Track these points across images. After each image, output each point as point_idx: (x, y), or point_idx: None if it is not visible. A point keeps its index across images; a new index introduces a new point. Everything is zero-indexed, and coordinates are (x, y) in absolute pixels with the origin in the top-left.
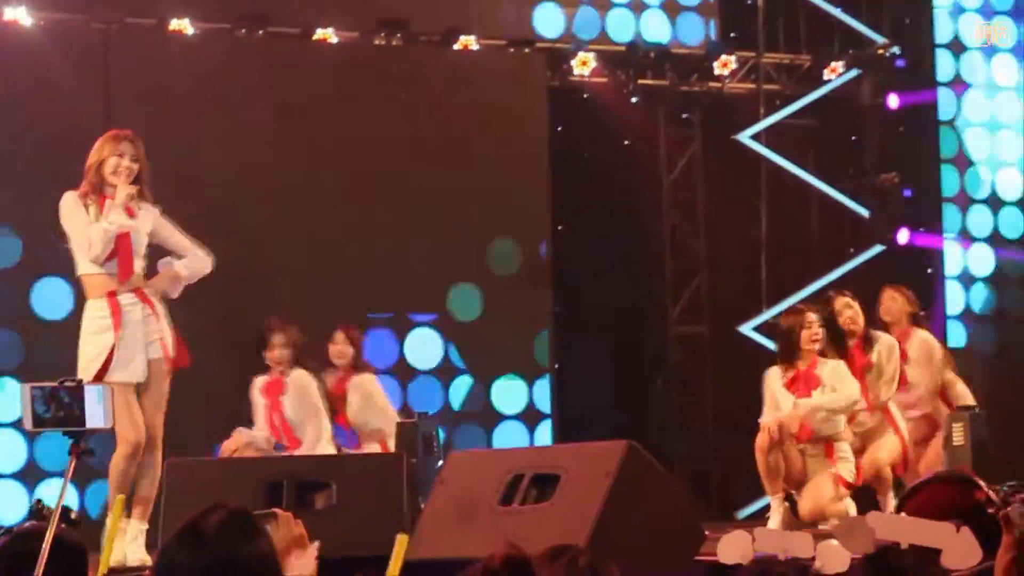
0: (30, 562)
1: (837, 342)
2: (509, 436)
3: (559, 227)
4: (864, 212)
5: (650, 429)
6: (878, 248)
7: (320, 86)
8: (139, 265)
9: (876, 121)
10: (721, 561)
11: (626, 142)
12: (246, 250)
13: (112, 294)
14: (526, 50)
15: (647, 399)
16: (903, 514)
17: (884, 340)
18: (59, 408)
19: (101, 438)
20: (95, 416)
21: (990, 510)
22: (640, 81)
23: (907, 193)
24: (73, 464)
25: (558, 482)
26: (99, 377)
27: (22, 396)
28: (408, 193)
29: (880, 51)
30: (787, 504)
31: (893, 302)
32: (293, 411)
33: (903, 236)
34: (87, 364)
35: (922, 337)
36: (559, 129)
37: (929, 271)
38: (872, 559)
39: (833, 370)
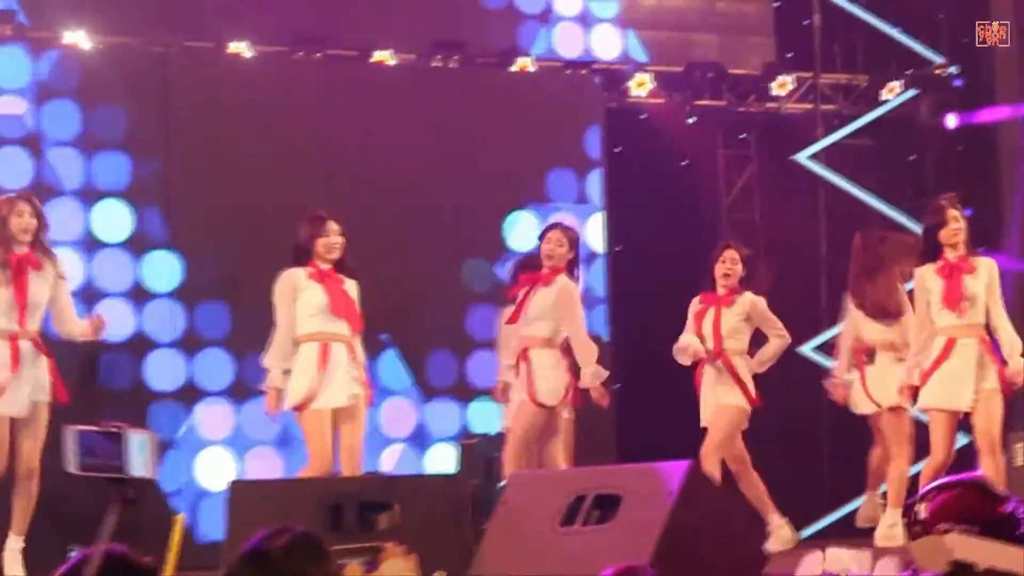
0: None
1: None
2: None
3: (616, 248)
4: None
5: None
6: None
7: (377, 108)
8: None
9: (935, 141)
10: None
11: (684, 163)
12: None
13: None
14: (583, 71)
15: None
16: (924, 512)
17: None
18: (101, 454)
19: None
20: (136, 464)
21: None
22: (697, 102)
23: (967, 212)
24: (116, 512)
25: (620, 502)
26: None
27: (66, 439)
28: (465, 215)
29: (938, 70)
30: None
31: None
32: None
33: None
34: None
35: None
36: (616, 151)
37: None
38: None
39: None
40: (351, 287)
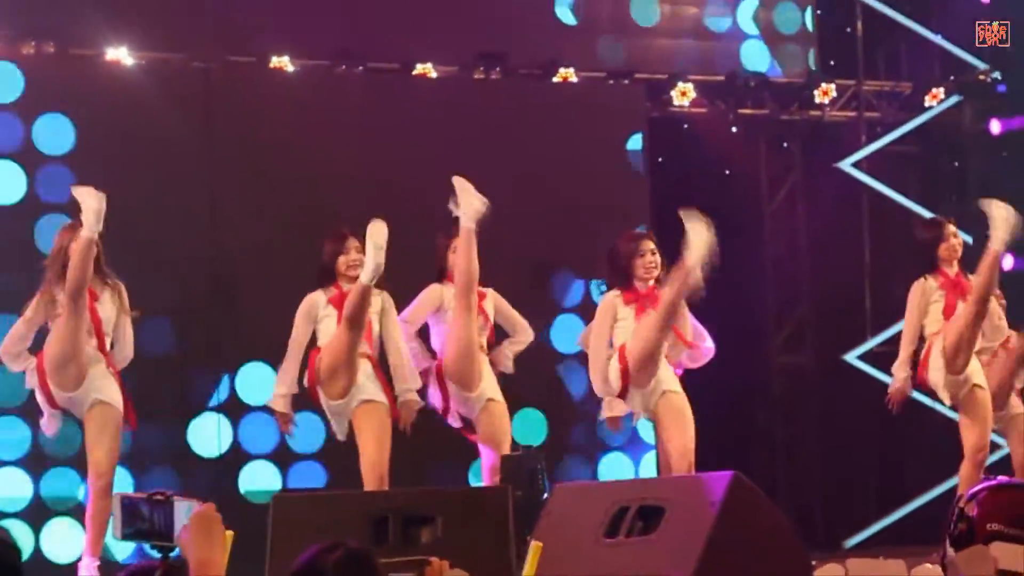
0: None
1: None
2: (614, 468)
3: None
4: (968, 239)
5: (754, 460)
6: None
7: (420, 121)
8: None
9: (978, 147)
10: None
11: (726, 172)
12: None
13: None
14: (625, 81)
15: (750, 430)
16: (975, 510)
17: None
18: (148, 521)
19: None
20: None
21: None
22: (740, 111)
23: None
24: None
25: (663, 514)
26: None
27: (113, 506)
28: (508, 228)
29: (981, 76)
30: None
31: None
32: None
33: (1008, 262)
34: None
35: None
36: (659, 160)
37: None
38: None
39: None
40: (377, 302)
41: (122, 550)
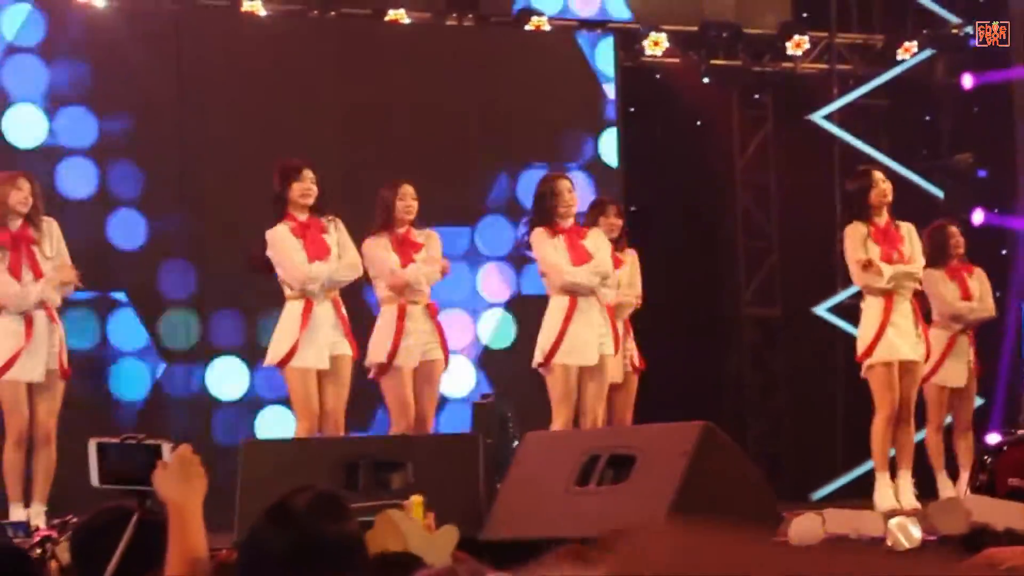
0: (102, 537)
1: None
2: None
3: (632, 208)
4: (939, 193)
5: (724, 410)
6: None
7: (391, 67)
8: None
9: (950, 101)
10: (792, 542)
11: (698, 123)
12: None
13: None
14: (598, 31)
15: (720, 380)
16: (996, 465)
17: None
18: (124, 464)
19: None
20: None
21: None
22: (712, 62)
23: (981, 174)
24: (134, 521)
25: (634, 463)
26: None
27: (89, 451)
28: (478, 175)
29: (954, 31)
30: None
31: None
32: None
33: (978, 217)
34: None
35: None
36: (631, 110)
37: (1004, 252)
38: (966, 540)
39: None
40: (332, 230)
41: None
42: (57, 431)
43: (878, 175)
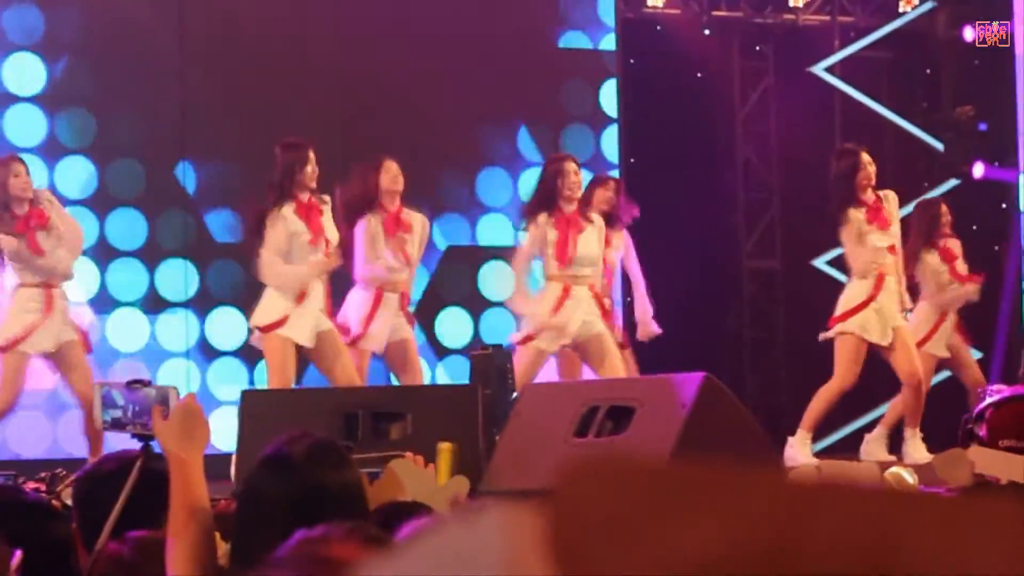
0: (105, 485)
1: None
2: (584, 368)
3: (631, 160)
4: (939, 146)
5: (723, 362)
6: (953, 182)
7: (395, 19)
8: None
9: (951, 54)
10: None
11: (699, 75)
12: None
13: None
14: None
15: (719, 333)
16: (984, 429)
17: None
18: (123, 409)
19: None
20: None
21: None
22: (714, 13)
23: (982, 127)
24: (139, 465)
25: (633, 414)
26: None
27: (95, 395)
28: (477, 129)
29: None
30: None
31: None
32: None
33: (978, 170)
34: None
35: None
36: (631, 62)
37: (1004, 205)
38: (968, 493)
39: None
40: (327, 212)
41: None
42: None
43: (864, 157)
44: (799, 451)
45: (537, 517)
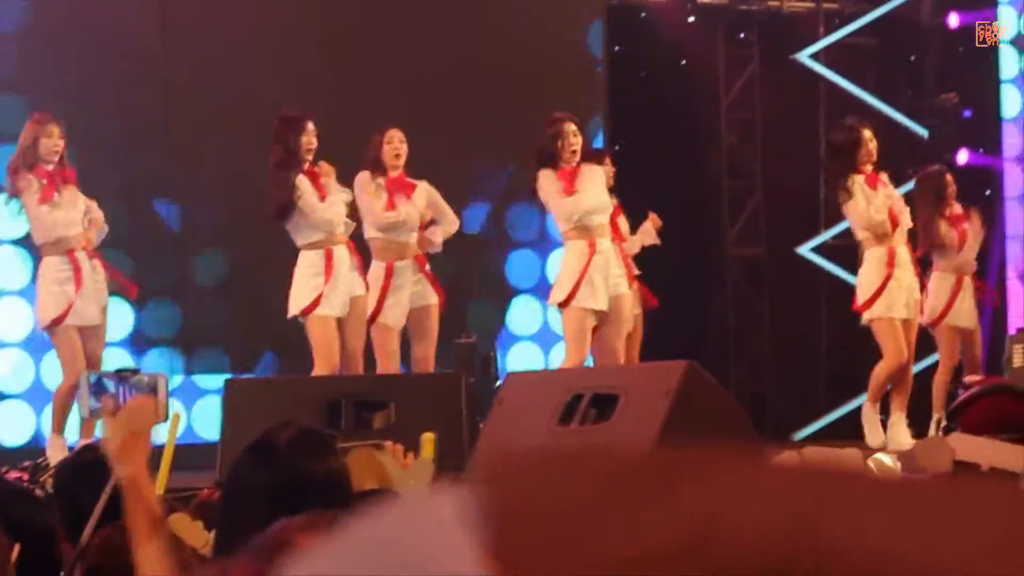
0: (85, 475)
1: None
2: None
3: (616, 147)
4: (923, 132)
5: (707, 350)
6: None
7: (378, 5)
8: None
9: (936, 41)
10: None
11: (683, 62)
12: None
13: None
14: None
15: (704, 320)
16: (957, 431)
17: None
18: (114, 397)
19: None
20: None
21: None
22: (698, 0)
23: (966, 114)
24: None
25: (617, 402)
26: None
27: (80, 383)
28: (463, 114)
29: None
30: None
31: None
32: None
33: (962, 157)
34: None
35: None
36: (616, 48)
37: (988, 192)
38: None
39: None
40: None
41: None
42: None
43: (867, 133)
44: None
45: (470, 508)
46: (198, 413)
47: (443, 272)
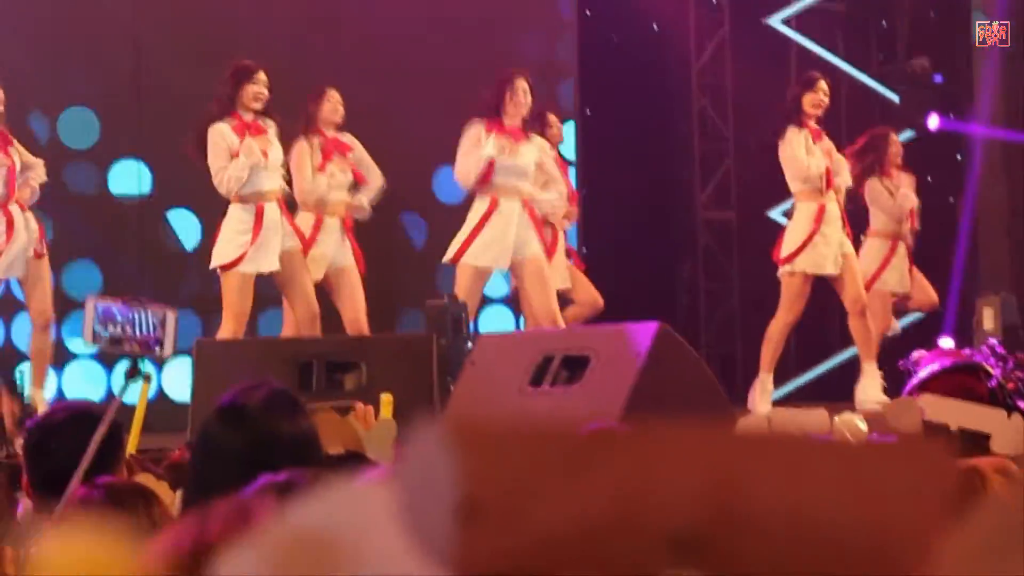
0: (57, 435)
1: None
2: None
3: (587, 111)
4: (894, 98)
5: (677, 313)
6: (908, 134)
7: None
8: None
9: (907, 5)
10: None
11: (654, 26)
12: None
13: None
14: None
15: (674, 283)
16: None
17: None
18: (121, 327)
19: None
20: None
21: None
22: None
23: (938, 79)
24: (124, 385)
25: (588, 363)
26: None
27: (86, 309)
28: (436, 79)
29: None
30: None
31: None
32: None
33: (933, 122)
34: None
35: None
36: (587, 13)
37: (959, 157)
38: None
39: None
40: (271, 133)
41: None
42: None
43: (822, 84)
44: (759, 396)
45: (391, 488)
46: (169, 374)
47: (415, 234)
